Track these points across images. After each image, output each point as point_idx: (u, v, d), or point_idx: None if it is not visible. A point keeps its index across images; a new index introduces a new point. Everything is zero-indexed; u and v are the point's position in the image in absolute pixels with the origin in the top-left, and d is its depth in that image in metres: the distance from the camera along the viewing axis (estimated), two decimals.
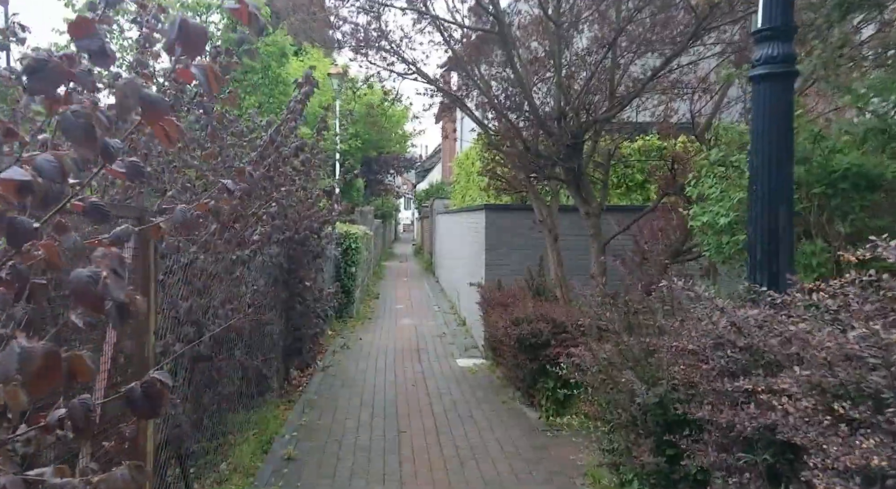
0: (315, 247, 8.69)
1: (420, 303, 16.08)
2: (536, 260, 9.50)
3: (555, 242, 7.57)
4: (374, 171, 33.81)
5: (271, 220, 6.49)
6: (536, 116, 6.26)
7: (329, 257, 11.90)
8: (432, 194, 34.16)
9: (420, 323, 13.01)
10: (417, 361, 9.50)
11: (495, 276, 9.50)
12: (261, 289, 6.44)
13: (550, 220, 7.66)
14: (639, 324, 3.98)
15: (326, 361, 9.36)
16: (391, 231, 44.77)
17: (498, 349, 7.79)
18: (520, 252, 9.55)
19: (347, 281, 12.86)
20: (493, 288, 8.40)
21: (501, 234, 9.55)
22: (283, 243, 7.58)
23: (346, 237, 12.84)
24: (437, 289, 18.71)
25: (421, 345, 10.70)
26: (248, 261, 5.90)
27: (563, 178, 6.93)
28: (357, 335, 11.55)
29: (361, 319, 13.12)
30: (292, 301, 8.01)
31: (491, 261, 9.57)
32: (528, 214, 9.55)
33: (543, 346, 6.39)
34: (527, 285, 8.23)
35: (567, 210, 9.38)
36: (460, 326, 12.34)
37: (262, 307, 6.88)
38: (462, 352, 10.03)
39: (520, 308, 6.97)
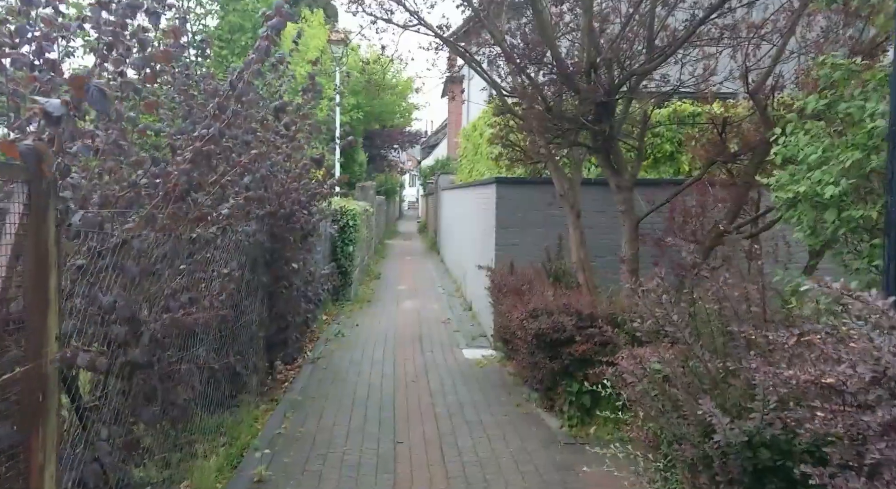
0: (305, 223, 7.69)
1: (424, 284, 15.11)
2: (554, 239, 8.48)
3: (577, 220, 6.54)
4: (377, 146, 32.72)
5: (245, 191, 5.49)
6: (561, 69, 5.20)
7: (324, 235, 10.91)
8: (437, 170, 33.05)
9: (423, 306, 12.04)
10: (419, 351, 8.54)
11: (507, 258, 8.48)
12: (234, 274, 5.44)
13: (572, 195, 6.62)
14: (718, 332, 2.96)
15: (318, 352, 8.41)
16: (395, 208, 43.76)
17: (510, 341, 6.81)
18: (534, 231, 8.52)
19: (345, 261, 11.88)
20: (505, 271, 7.39)
21: (514, 211, 8.51)
22: (264, 219, 6.57)
23: (344, 214, 11.83)
24: (441, 269, 17.73)
25: (423, 332, 9.74)
26: (214, 240, 4.91)
27: (590, 145, 5.87)
28: (354, 320, 10.59)
29: (360, 302, 12.16)
30: (276, 285, 7.03)
31: (502, 240, 8.55)
32: (545, 188, 8.50)
33: (566, 343, 5.40)
34: (544, 269, 7.21)
35: (589, 184, 8.34)
36: (466, 311, 11.36)
37: (237, 294, 5.91)
38: (469, 341, 9.06)
39: (538, 297, 5.96)
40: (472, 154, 14.86)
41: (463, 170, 17.60)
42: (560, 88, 5.56)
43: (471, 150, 15.37)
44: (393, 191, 37.97)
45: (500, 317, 7.09)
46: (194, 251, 4.81)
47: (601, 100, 5.22)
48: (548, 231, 8.53)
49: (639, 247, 5.97)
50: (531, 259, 8.19)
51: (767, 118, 5.41)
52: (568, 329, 5.36)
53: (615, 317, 5.34)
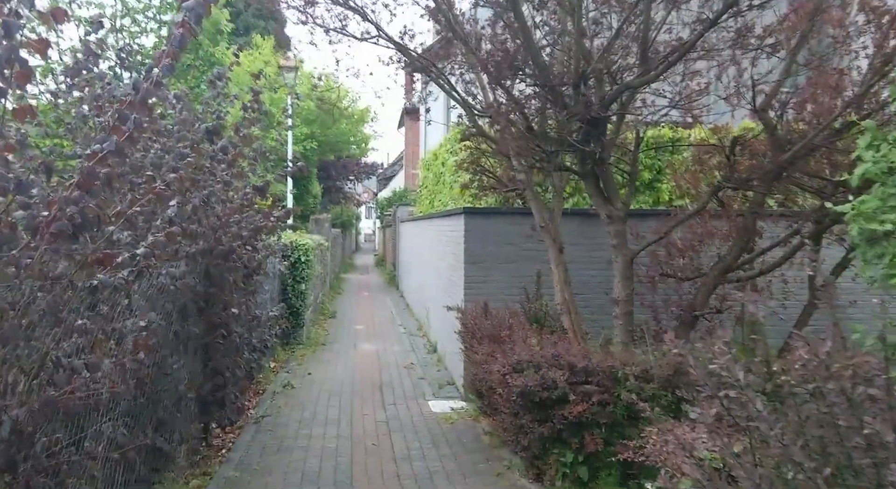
0: (248, 261, 6.72)
1: (383, 322, 14.10)
2: (529, 276, 7.67)
3: (559, 255, 5.75)
4: (332, 177, 31.75)
5: (169, 225, 4.52)
6: (546, 81, 4.43)
7: (272, 273, 9.89)
8: (395, 201, 32.23)
9: (383, 348, 11.04)
10: (380, 404, 7.54)
11: (477, 297, 7.62)
12: (154, 326, 4.43)
13: (553, 227, 5.82)
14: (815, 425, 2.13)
15: (263, 408, 7.32)
16: (352, 241, 42.66)
17: (486, 395, 5.90)
18: (508, 266, 7.70)
19: (296, 300, 10.82)
20: (478, 314, 6.51)
21: (485, 245, 7.68)
22: (196, 258, 5.58)
23: (295, 249, 10.82)
24: (401, 306, 16.75)
25: (385, 380, 8.74)
26: (124, 287, 3.90)
27: (577, 170, 5.11)
28: (306, 367, 9.51)
29: (313, 346, 11.07)
30: (212, 336, 5.99)
31: (472, 277, 7.69)
32: (519, 219, 7.72)
33: (559, 403, 4.53)
34: (522, 310, 6.36)
35: (567, 214, 7.61)
36: (431, 353, 10.40)
37: (159, 351, 4.88)
38: (436, 390, 8.10)
39: (520, 345, 5.09)
40: (434, 184, 14.07)
41: (423, 201, 16.79)
42: (543, 105, 4.80)
43: (431, 180, 14.58)
44: (349, 223, 36.95)
45: (473, 366, 6.19)
46: (96, 302, 3.82)
47: (592, 115, 4.47)
48: (522, 267, 7.72)
49: (633, 288, 5.17)
50: (505, 298, 7.35)
51: (778, 139, 4.74)
52: (560, 386, 4.49)
53: (615, 371, 4.51)
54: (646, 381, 4.40)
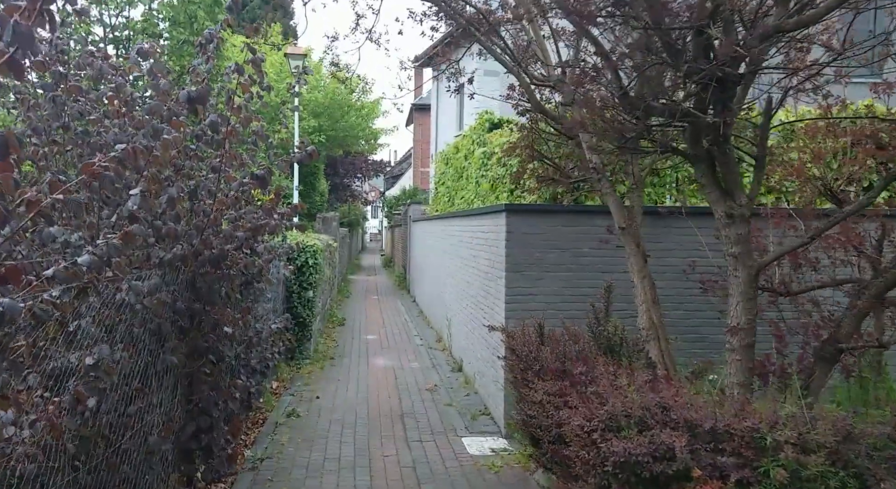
0: (246, 267, 5.43)
1: (397, 331, 12.80)
2: (587, 289, 6.36)
3: (644, 265, 4.45)
4: (339, 175, 30.53)
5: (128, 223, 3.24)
6: (659, 21, 3.11)
7: (276, 279, 8.59)
8: (404, 200, 30.94)
9: (400, 365, 9.73)
10: (404, 442, 6.23)
11: (522, 313, 6.31)
12: (107, 363, 3.14)
13: (634, 228, 4.51)
14: None
15: (262, 447, 6.02)
16: (358, 241, 41.42)
17: (547, 442, 4.59)
18: (559, 277, 6.39)
19: (302, 309, 9.53)
20: (531, 337, 5.19)
21: (531, 249, 6.37)
22: (176, 266, 4.29)
23: (302, 251, 9.52)
24: (414, 312, 15.45)
25: (405, 407, 7.43)
26: (48, 315, 2.61)
27: (687, 151, 3.79)
28: (313, 389, 8.21)
29: (321, 361, 9.77)
30: (197, 364, 4.69)
31: (515, 289, 6.37)
32: (573, 219, 6.41)
33: (677, 480, 3.21)
34: (592, 335, 5.04)
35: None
36: (456, 372, 9.09)
37: (118, 393, 3.58)
38: (468, 423, 6.78)
39: (606, 388, 3.77)
40: (454, 179, 12.76)
41: (439, 199, 15.47)
42: (643, 61, 3.48)
43: (451, 176, 13.27)
44: (356, 222, 35.69)
45: (527, 404, 4.87)
46: (3, 339, 2.55)
47: (719, 73, 3.15)
48: (578, 277, 6.41)
49: (757, 311, 3.84)
50: (557, 316, 6.05)
51: None
52: (679, 456, 3.17)
53: (760, 436, 3.19)
54: (806, 452, 3.08)
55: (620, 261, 6.43)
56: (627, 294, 5.79)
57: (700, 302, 6.31)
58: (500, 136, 8.75)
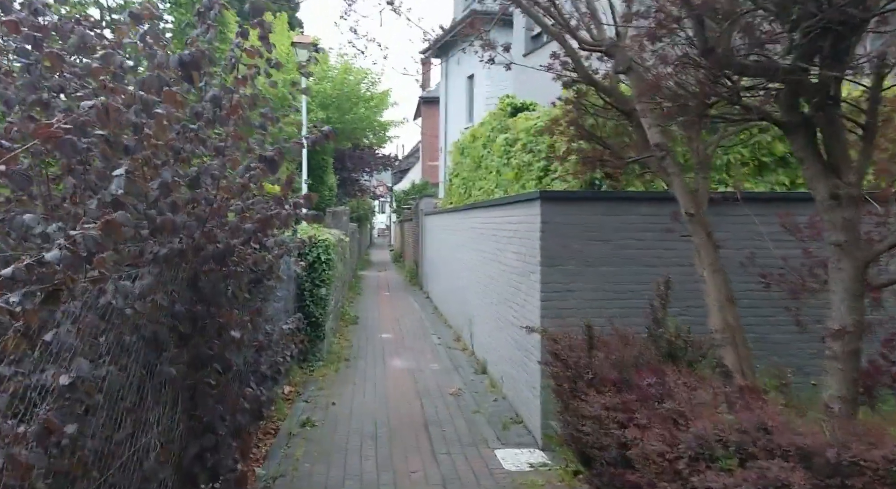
0: (256, 264, 4.86)
1: (412, 329, 12.22)
2: (627, 283, 5.78)
3: (716, 256, 3.82)
4: (347, 169, 29.95)
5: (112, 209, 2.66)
6: None
7: (288, 276, 8.02)
8: (414, 194, 30.35)
9: (418, 366, 9.14)
10: (430, 455, 5.64)
11: (557, 312, 5.71)
12: (86, 380, 2.56)
13: (703, 214, 3.89)
14: None
15: (274, 464, 5.44)
16: (367, 236, 40.90)
17: (604, 464, 3.98)
18: (600, 272, 5.78)
19: (315, 308, 8.94)
20: (578, 340, 4.58)
21: (569, 241, 5.76)
22: (175, 263, 3.71)
23: (314, 246, 8.93)
24: (429, 309, 14.86)
25: (429, 414, 6.84)
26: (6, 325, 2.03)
27: (781, 119, 3.15)
28: (328, 394, 7.64)
29: (335, 363, 9.19)
30: (200, 374, 4.11)
31: (551, 285, 5.76)
32: (616, 207, 5.80)
33: None
34: (650, 336, 4.42)
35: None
36: (479, 375, 8.49)
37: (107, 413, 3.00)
38: (500, 433, 6.18)
39: (685, 403, 3.16)
40: (471, 170, 12.14)
41: (454, 191, 14.86)
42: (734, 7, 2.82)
43: (468, 166, 12.65)
44: (366, 217, 35.15)
45: (577, 418, 4.26)
46: None
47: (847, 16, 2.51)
48: (622, 271, 5.79)
49: (865, 310, 3.22)
50: (596, 313, 5.45)
51: None
52: None
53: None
54: None
55: (668, 253, 5.81)
56: (680, 291, 5.18)
57: (759, 298, 5.70)
58: (526, 120, 8.13)
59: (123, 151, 3.39)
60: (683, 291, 5.34)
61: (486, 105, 21.81)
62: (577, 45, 4.08)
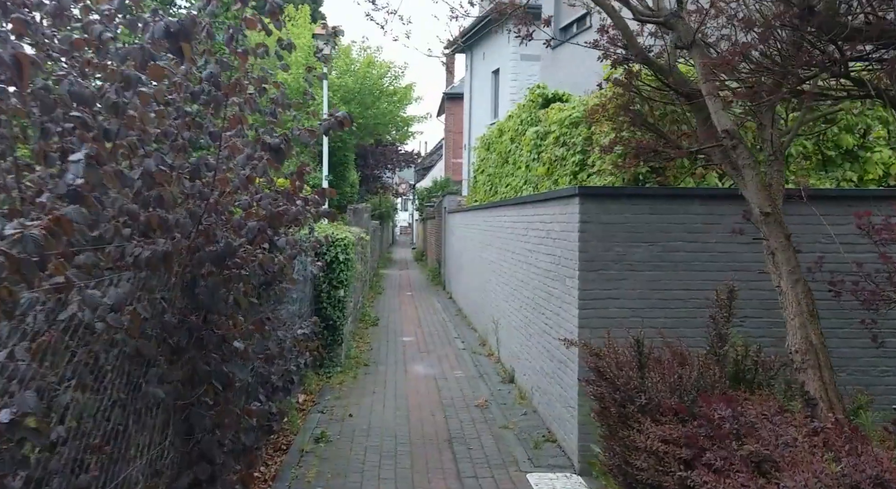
0: (262, 266, 4.37)
1: (435, 332, 11.69)
2: (676, 290, 5.19)
3: (797, 262, 3.22)
4: (369, 166, 29.54)
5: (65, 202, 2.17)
6: None
7: (303, 277, 7.55)
8: (436, 192, 29.80)
9: (442, 373, 8.62)
10: (455, 477, 5.11)
11: (597, 321, 5.14)
12: (32, 412, 2.06)
13: (777, 214, 3.30)
14: None
15: (285, 484, 4.94)
16: (388, 234, 40.47)
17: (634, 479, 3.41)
18: (644, 276, 5.19)
19: (332, 311, 8.46)
20: (627, 357, 4.00)
21: (611, 243, 5.18)
22: (159, 265, 3.20)
23: (332, 245, 8.44)
24: (452, 310, 14.33)
25: (453, 428, 6.31)
26: None
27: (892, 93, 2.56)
28: (345, 404, 7.14)
29: (353, 369, 8.70)
30: (196, 392, 3.62)
31: (591, 292, 5.19)
32: (665, 205, 5.20)
33: None
34: (713, 354, 3.83)
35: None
36: (506, 384, 7.94)
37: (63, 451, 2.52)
38: (531, 453, 5.63)
39: (772, 447, 2.58)
40: (498, 166, 11.57)
41: (479, 188, 14.30)
42: None
43: (494, 162, 12.08)
44: (388, 215, 34.71)
45: (627, 448, 3.69)
46: None
47: None
48: (669, 277, 5.20)
49: None
50: (641, 324, 4.88)
51: None
52: None
53: None
54: None
55: (722, 257, 5.21)
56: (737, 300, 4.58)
57: (827, 308, 5.05)
58: (559, 111, 7.55)
59: (104, 136, 2.92)
60: (740, 301, 4.73)
61: (511, 101, 21.22)
62: (632, 15, 3.51)
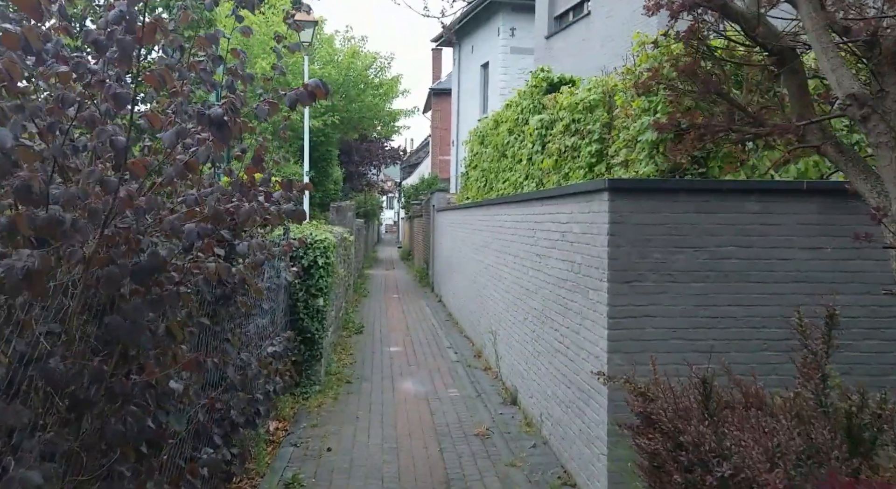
0: (206, 280, 3.36)
1: (425, 341, 10.71)
2: (725, 305, 4.25)
3: None
4: (354, 162, 28.46)
5: None
6: None
7: (276, 285, 6.54)
8: (424, 189, 28.79)
9: (434, 391, 7.64)
10: None
11: (631, 344, 4.18)
12: None
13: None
14: None
15: None
16: (374, 232, 39.38)
17: None
18: (689, 289, 4.23)
19: (311, 323, 7.44)
20: (687, 400, 3.04)
21: (648, 248, 4.22)
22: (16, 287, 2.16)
23: (309, 248, 7.42)
24: (442, 315, 13.36)
25: (450, 465, 5.34)
26: None
27: None
28: (324, 434, 6.13)
29: (333, 387, 7.68)
30: (106, 461, 2.61)
31: (623, 308, 4.22)
32: (716, 202, 4.25)
33: None
34: (818, 403, 2.87)
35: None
36: (509, 406, 6.97)
37: None
38: None
39: None
40: (494, 160, 10.60)
41: (471, 185, 13.35)
42: None
43: (489, 156, 11.11)
44: (373, 213, 33.66)
45: None
46: None
47: None
48: (717, 289, 4.25)
49: None
50: (684, 347, 3.96)
51: None
52: None
53: None
54: None
55: (783, 264, 4.27)
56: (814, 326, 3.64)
57: None
58: (570, 95, 6.59)
59: None
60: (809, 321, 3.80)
61: (501, 95, 20.28)
62: None
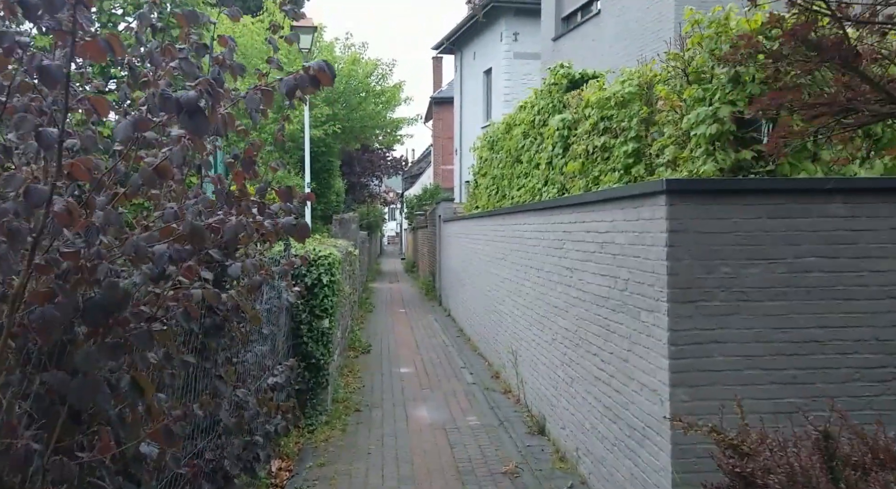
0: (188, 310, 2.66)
1: (437, 360, 10.02)
2: (809, 327, 3.59)
3: None
4: (356, 173, 27.90)
5: None
6: None
7: (276, 308, 5.90)
8: (427, 199, 28.19)
9: (452, 420, 6.95)
10: None
11: (698, 375, 3.52)
12: None
13: None
14: None
15: None
16: (377, 244, 38.76)
17: None
18: (763, 308, 3.56)
19: (315, 347, 6.77)
20: (805, 461, 2.36)
21: (714, 261, 3.56)
22: None
23: (313, 265, 6.76)
24: (453, 331, 12.67)
25: None
26: None
27: None
28: (332, 474, 5.45)
29: (341, 417, 6.99)
30: None
31: (686, 333, 3.55)
32: (796, 205, 3.60)
33: None
34: None
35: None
36: (534, 435, 6.28)
37: None
38: None
39: None
40: (506, 166, 9.95)
41: (480, 193, 12.70)
42: None
43: (500, 163, 10.47)
44: (376, 224, 33.04)
45: None
46: None
47: None
48: (797, 308, 3.58)
49: None
50: (759, 379, 3.29)
51: None
52: None
53: None
54: None
55: (878, 278, 3.60)
56: None
57: None
58: (599, 89, 5.95)
59: None
60: None
61: (505, 101, 19.70)
62: None
